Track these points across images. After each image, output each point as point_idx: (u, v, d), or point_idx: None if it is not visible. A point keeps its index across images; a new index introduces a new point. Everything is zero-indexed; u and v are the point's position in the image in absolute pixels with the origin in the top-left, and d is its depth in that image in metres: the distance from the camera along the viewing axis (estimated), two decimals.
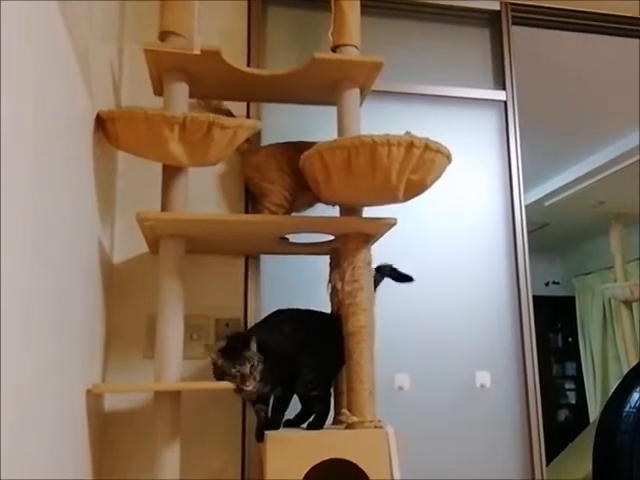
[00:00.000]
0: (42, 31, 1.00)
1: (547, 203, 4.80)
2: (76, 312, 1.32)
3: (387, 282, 1.75)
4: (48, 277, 1.06)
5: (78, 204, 1.31)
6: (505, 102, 2.28)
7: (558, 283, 6.38)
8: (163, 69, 1.60)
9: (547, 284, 6.29)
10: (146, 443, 1.53)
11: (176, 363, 1.51)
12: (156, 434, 1.47)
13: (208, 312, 1.86)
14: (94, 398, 1.52)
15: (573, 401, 6.21)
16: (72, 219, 1.25)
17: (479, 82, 2.30)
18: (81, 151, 1.34)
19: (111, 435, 1.72)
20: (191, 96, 1.65)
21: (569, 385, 6.27)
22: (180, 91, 1.61)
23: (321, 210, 1.76)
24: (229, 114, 1.81)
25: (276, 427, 1.53)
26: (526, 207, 2.24)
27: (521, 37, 2.37)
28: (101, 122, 1.46)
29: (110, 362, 1.75)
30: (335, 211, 1.71)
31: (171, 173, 1.59)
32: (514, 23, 2.35)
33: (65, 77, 1.17)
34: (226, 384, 1.49)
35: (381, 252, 1.71)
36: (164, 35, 1.58)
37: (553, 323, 6.32)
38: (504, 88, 2.29)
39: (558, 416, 6.06)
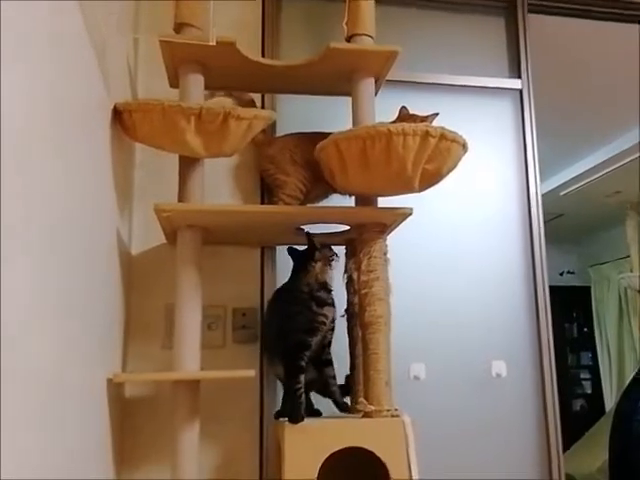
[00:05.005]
0: (60, 24, 1.01)
1: (562, 193, 4.76)
2: (97, 303, 1.34)
3: (403, 272, 1.75)
4: (70, 268, 1.08)
5: (97, 196, 1.33)
6: (521, 91, 2.27)
7: (573, 273, 6.34)
8: (178, 61, 1.61)
9: (562, 274, 6.25)
10: (166, 430, 1.55)
11: (194, 352, 1.52)
12: (175, 422, 1.49)
13: (225, 302, 1.87)
14: (115, 387, 1.55)
15: (589, 391, 6.18)
16: (91, 211, 1.27)
17: (494, 71, 2.29)
18: (99, 143, 1.35)
19: (132, 422, 1.75)
20: (206, 88, 1.66)
21: (584, 375, 6.24)
22: (195, 82, 1.62)
23: (336, 200, 1.76)
24: (252, 103, 1.83)
25: (299, 418, 1.48)
26: (541, 197, 2.23)
27: (537, 25, 2.35)
28: (118, 114, 1.47)
29: (129, 351, 1.77)
30: (350, 201, 1.71)
31: (188, 164, 1.60)
32: (530, 11, 2.33)
33: (83, 69, 1.18)
34: (244, 372, 1.51)
35: (397, 242, 1.71)
36: (179, 27, 1.59)
37: (568, 313, 6.28)
38: (520, 76, 2.27)
39: (573, 406, 6.04)
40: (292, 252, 1.68)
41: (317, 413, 1.64)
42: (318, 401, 1.67)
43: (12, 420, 0.78)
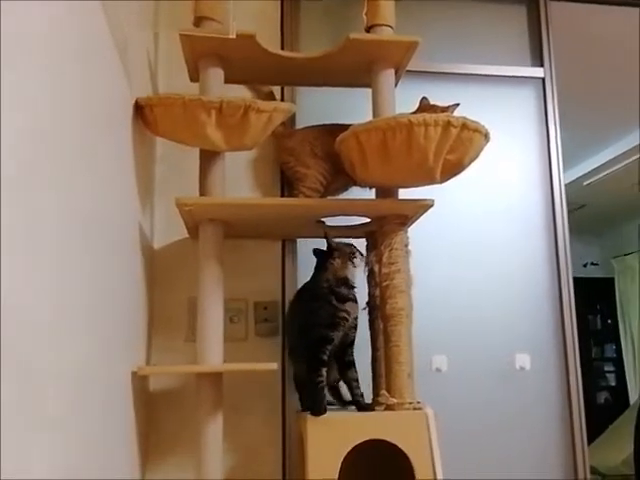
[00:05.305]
0: (84, 21, 1.01)
1: (585, 183, 4.70)
2: (121, 296, 1.35)
3: (424, 264, 1.74)
4: (92, 262, 1.09)
5: (120, 191, 1.34)
6: (543, 79, 2.24)
7: (597, 264, 6.26)
8: (198, 55, 1.61)
9: (585, 265, 6.18)
10: (189, 423, 1.56)
11: (217, 345, 1.53)
12: (199, 415, 1.50)
13: (247, 295, 1.88)
14: (139, 380, 1.56)
15: (613, 383, 6.12)
16: (114, 206, 1.27)
17: (516, 59, 2.26)
18: (122, 138, 1.36)
19: (156, 415, 1.76)
20: (226, 81, 1.66)
21: (608, 367, 6.17)
22: (215, 76, 1.62)
23: (356, 193, 1.76)
24: (271, 96, 1.83)
25: (321, 411, 1.48)
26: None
27: (558, 12, 2.31)
28: (139, 109, 1.48)
29: (153, 344, 1.79)
30: (371, 193, 1.71)
31: (208, 158, 1.60)
32: None
33: (105, 65, 1.19)
34: (266, 365, 1.52)
35: (418, 234, 1.70)
36: (199, 21, 1.59)
37: (592, 305, 6.20)
38: (542, 65, 2.24)
39: (598, 398, 5.98)
40: (316, 252, 1.68)
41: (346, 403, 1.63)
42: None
43: (40, 414, 0.80)
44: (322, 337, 1.54)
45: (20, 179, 0.72)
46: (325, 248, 1.65)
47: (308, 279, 1.68)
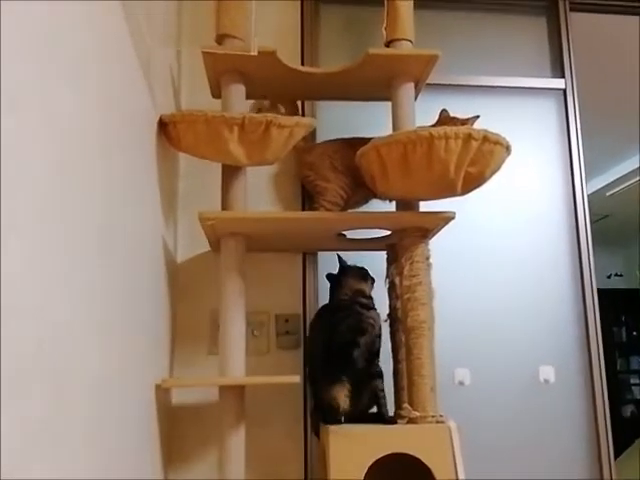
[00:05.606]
0: (108, 39, 1.04)
1: (608, 193, 4.65)
2: (144, 310, 1.37)
3: (446, 276, 1.74)
4: (117, 276, 1.10)
5: (143, 205, 1.36)
6: (564, 90, 2.23)
7: (621, 275, 6.18)
8: (221, 71, 1.64)
9: (609, 276, 6.10)
10: (211, 436, 1.56)
11: (239, 358, 1.54)
12: (222, 428, 1.51)
13: (268, 308, 1.89)
14: (162, 393, 1.57)
15: (639, 396, 6.01)
16: (138, 219, 1.29)
17: (537, 71, 2.25)
18: (146, 155, 1.38)
19: (179, 429, 1.77)
20: (248, 97, 1.68)
21: (634, 380, 6.07)
22: (237, 92, 1.64)
23: (376, 206, 1.76)
24: (295, 108, 1.85)
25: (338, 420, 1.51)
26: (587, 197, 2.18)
27: (579, 23, 2.31)
28: (163, 125, 1.50)
29: (176, 358, 1.80)
30: (390, 206, 1.71)
31: (230, 173, 1.62)
32: (572, 9, 2.29)
33: (130, 82, 1.21)
34: (289, 378, 1.53)
35: (440, 245, 1.70)
36: (221, 38, 1.61)
37: (616, 316, 6.12)
38: (563, 76, 2.24)
39: (623, 412, 5.87)
40: (329, 277, 1.71)
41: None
42: None
43: (66, 424, 0.81)
44: (348, 342, 1.56)
45: (50, 194, 0.74)
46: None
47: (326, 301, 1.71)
